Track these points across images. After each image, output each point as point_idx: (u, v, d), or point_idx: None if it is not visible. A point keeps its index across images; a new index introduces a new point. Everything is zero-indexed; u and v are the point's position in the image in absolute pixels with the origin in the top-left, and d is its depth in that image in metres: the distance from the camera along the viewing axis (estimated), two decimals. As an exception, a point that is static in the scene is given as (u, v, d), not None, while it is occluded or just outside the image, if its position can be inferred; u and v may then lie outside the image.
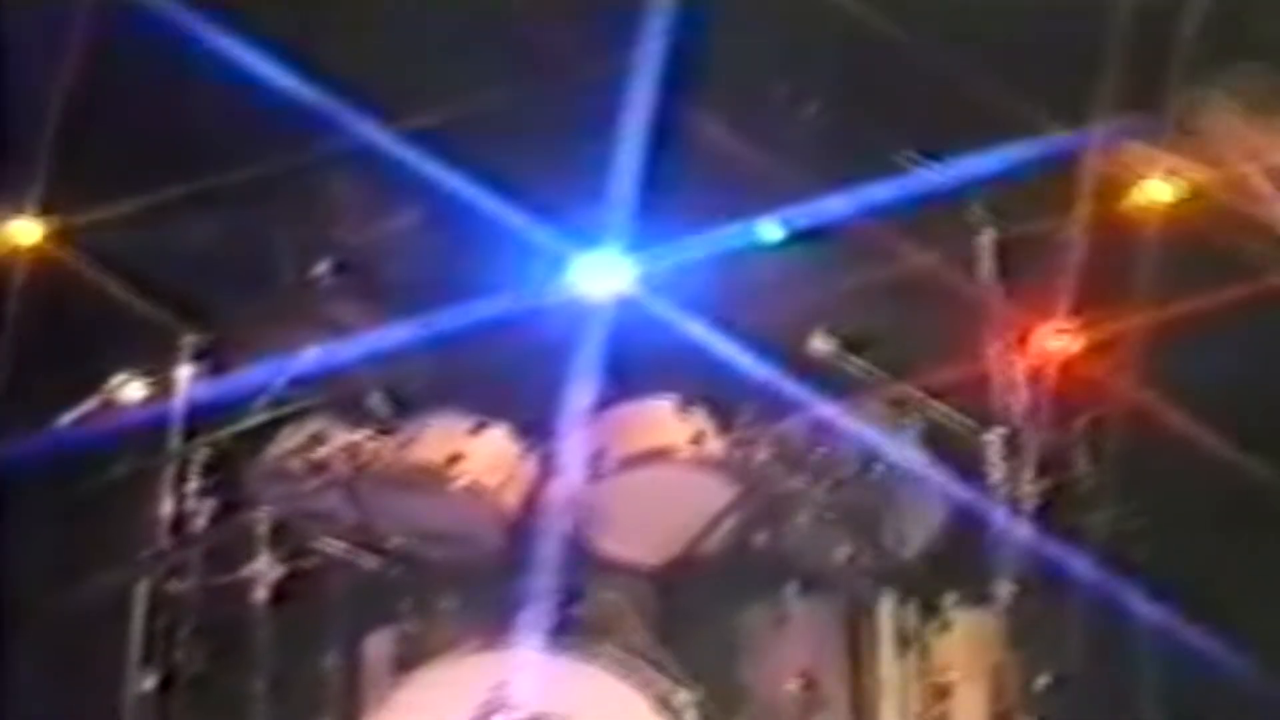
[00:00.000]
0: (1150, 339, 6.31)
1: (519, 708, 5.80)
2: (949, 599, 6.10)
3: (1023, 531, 5.67)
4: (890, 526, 6.15)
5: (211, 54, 6.28)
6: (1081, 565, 5.92)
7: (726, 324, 6.16)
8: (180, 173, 6.53)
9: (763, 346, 6.12)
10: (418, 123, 6.41)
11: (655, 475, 6.41)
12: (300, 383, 6.10)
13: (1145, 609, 6.09)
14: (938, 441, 6.25)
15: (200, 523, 5.93)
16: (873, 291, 6.44)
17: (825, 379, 6.14)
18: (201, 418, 5.94)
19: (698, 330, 6.14)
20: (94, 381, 5.92)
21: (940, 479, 6.19)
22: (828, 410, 6.22)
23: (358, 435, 6.29)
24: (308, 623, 6.26)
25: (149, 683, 5.69)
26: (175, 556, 5.83)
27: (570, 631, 6.06)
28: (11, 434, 5.97)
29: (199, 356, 5.95)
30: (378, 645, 6.30)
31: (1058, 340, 6.16)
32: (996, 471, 5.77)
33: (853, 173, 6.02)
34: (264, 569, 6.11)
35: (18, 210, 6.45)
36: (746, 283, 6.23)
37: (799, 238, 5.93)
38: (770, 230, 5.88)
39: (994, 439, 5.79)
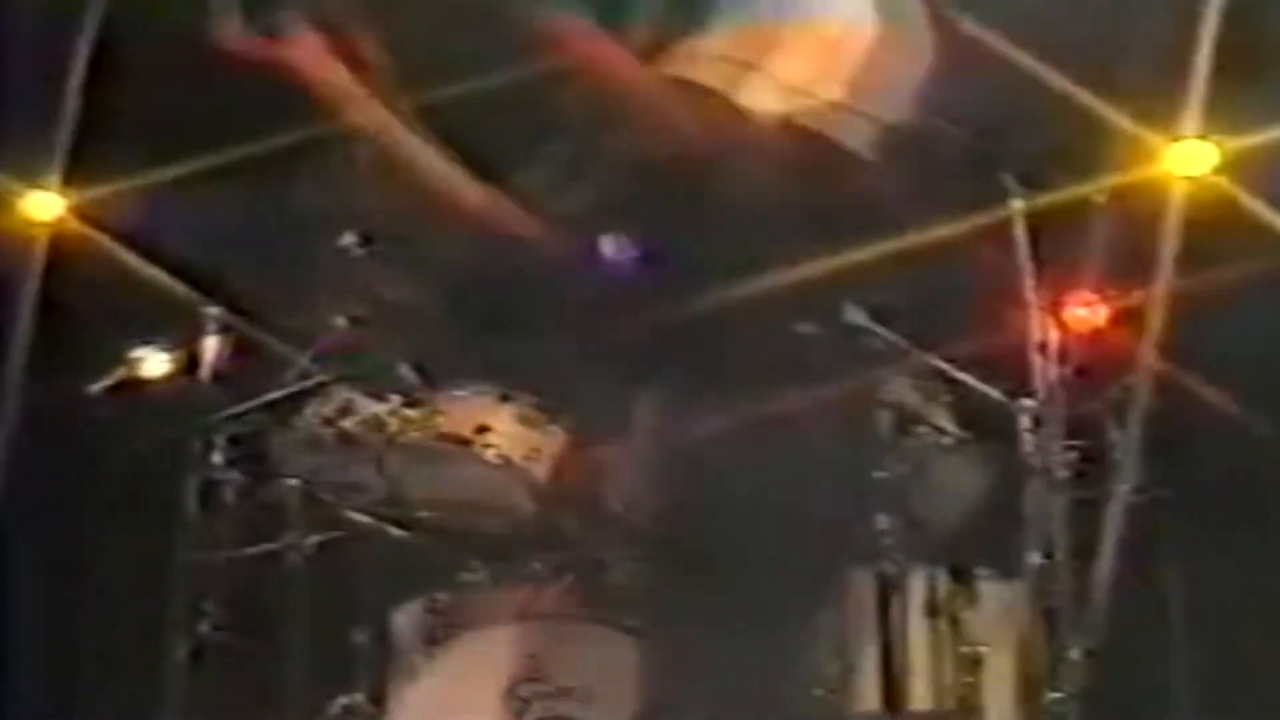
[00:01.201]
0: (1180, 309, 6.24)
1: (548, 680, 5.80)
2: (979, 570, 6.05)
3: (1053, 503, 5.63)
4: (920, 498, 6.10)
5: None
6: (1112, 537, 5.88)
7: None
8: (204, 144, 6.52)
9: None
10: (439, 96, 6.37)
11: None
12: (327, 354, 6.09)
13: (1175, 581, 6.06)
14: (967, 412, 6.20)
15: (228, 496, 5.95)
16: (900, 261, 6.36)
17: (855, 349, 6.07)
18: (227, 390, 5.94)
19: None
20: (116, 356, 5.93)
21: (970, 450, 6.13)
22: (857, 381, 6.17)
23: (385, 406, 6.28)
24: (337, 595, 6.26)
25: (179, 655, 5.71)
26: (204, 530, 5.84)
27: (599, 603, 6.05)
28: (34, 409, 5.99)
29: (223, 330, 5.95)
30: (407, 617, 6.30)
31: (1087, 310, 6.10)
32: (1026, 442, 5.75)
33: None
34: (293, 541, 6.14)
35: (38, 184, 6.44)
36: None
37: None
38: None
39: (1024, 410, 5.77)
